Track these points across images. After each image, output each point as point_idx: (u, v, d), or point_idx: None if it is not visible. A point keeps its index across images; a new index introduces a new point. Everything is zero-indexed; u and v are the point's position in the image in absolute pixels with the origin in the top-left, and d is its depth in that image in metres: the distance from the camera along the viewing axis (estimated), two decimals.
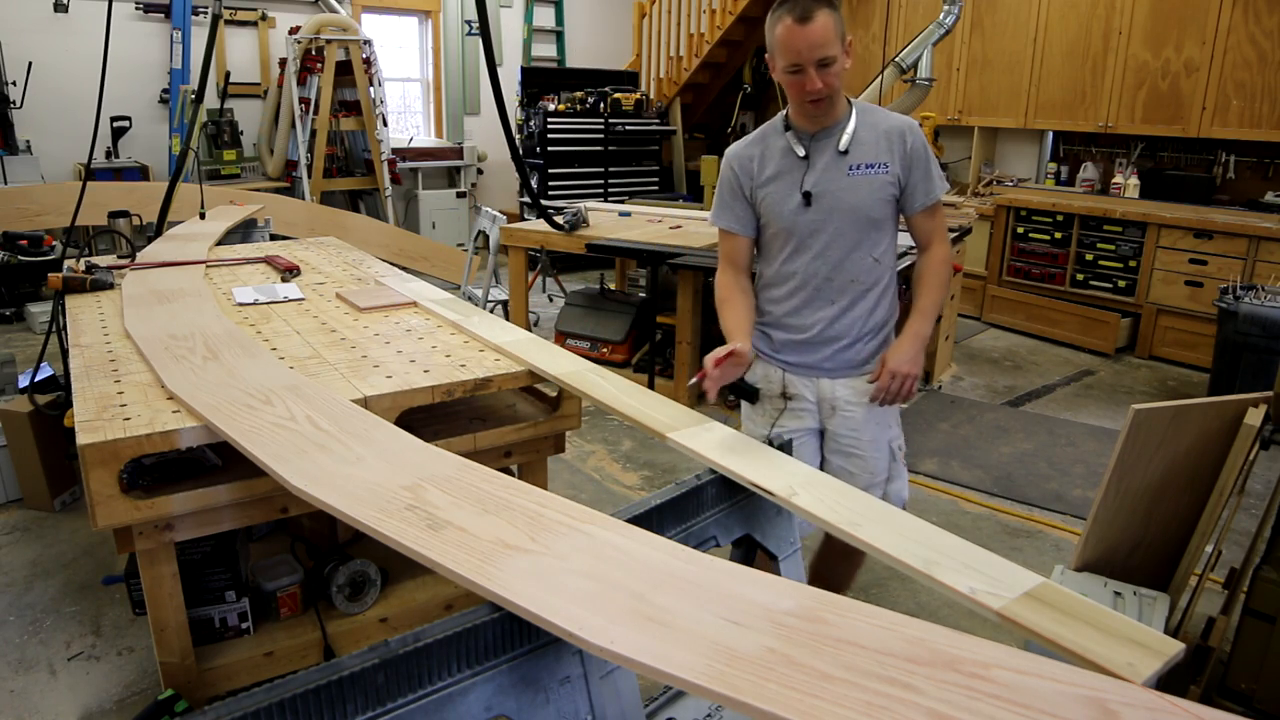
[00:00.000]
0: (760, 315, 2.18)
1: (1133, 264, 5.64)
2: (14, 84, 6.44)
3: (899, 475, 2.21)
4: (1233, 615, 2.32)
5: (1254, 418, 2.08)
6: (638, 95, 8.13)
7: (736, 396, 2.14)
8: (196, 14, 7.15)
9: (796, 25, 1.85)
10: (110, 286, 2.92)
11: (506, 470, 2.16)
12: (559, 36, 9.51)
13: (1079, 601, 1.12)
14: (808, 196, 2.03)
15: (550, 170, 7.79)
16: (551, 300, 6.81)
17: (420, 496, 1.39)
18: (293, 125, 7.28)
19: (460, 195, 8.54)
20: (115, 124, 6.80)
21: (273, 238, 4.55)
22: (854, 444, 2.14)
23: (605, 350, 5.06)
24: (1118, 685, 0.92)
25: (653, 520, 1.47)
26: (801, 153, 2.03)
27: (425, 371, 2.14)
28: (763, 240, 2.16)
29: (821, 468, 2.19)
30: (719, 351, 1.85)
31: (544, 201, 6.11)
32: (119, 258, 3.27)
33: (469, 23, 8.73)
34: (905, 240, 4.85)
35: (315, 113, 7.28)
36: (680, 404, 1.88)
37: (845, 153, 2.00)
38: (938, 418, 4.56)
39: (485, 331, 2.45)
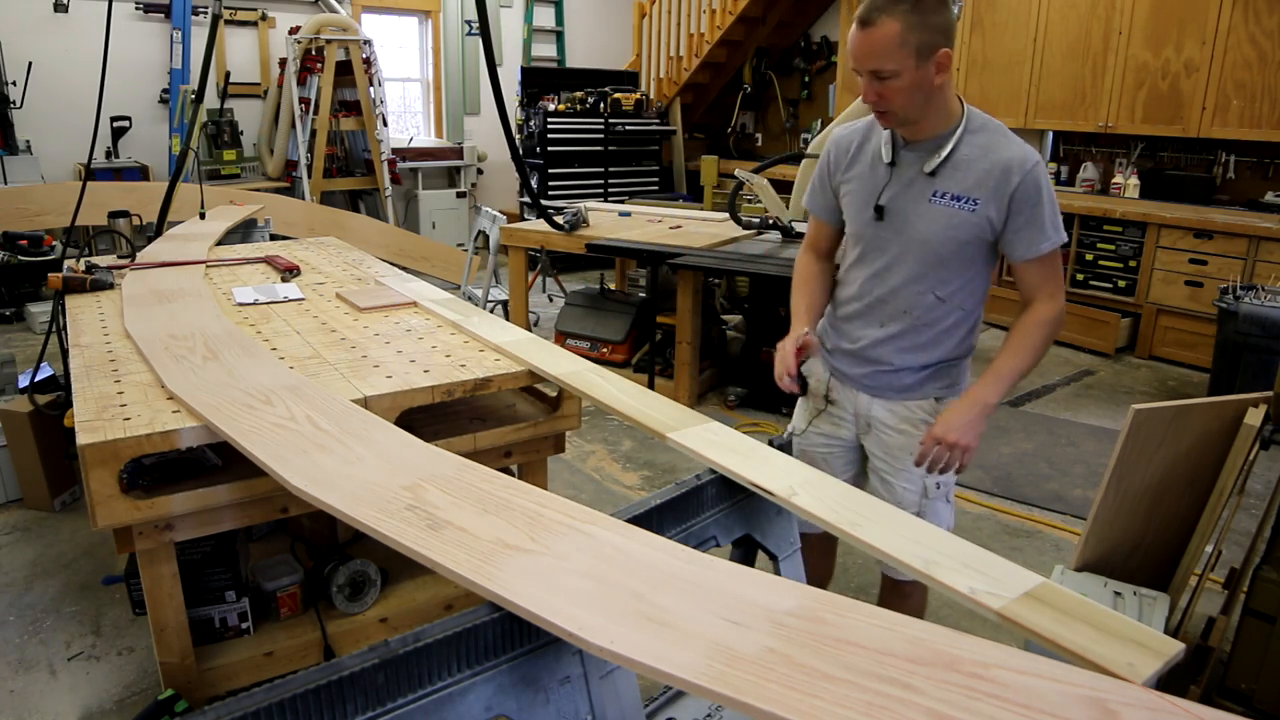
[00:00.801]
0: (831, 309, 2.06)
1: (1133, 264, 5.64)
2: (14, 84, 6.44)
3: (932, 513, 1.97)
4: (1233, 615, 2.32)
5: (1254, 418, 2.08)
6: (638, 95, 8.13)
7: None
8: (196, 14, 7.15)
9: (857, 28, 1.67)
10: (110, 286, 2.92)
11: (506, 470, 2.16)
12: (559, 36, 9.51)
13: (1079, 601, 1.12)
14: (880, 210, 1.85)
15: (550, 170, 7.79)
16: (551, 300, 6.81)
17: (420, 496, 1.39)
18: (293, 125, 7.28)
19: (460, 195, 8.54)
20: (115, 124, 6.80)
21: (273, 238, 4.55)
22: (886, 469, 1.98)
23: (605, 350, 5.06)
24: (1118, 685, 0.92)
25: (653, 520, 1.47)
26: (888, 159, 1.83)
27: (425, 371, 2.14)
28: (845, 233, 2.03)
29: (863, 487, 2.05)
30: (790, 345, 1.86)
31: (544, 201, 6.11)
32: (119, 258, 3.27)
33: (469, 23, 8.74)
34: None
35: (315, 113, 7.28)
36: (680, 404, 1.88)
37: (933, 175, 1.78)
38: None
39: (485, 331, 2.45)
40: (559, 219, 4.92)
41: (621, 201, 7.07)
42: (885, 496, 1.98)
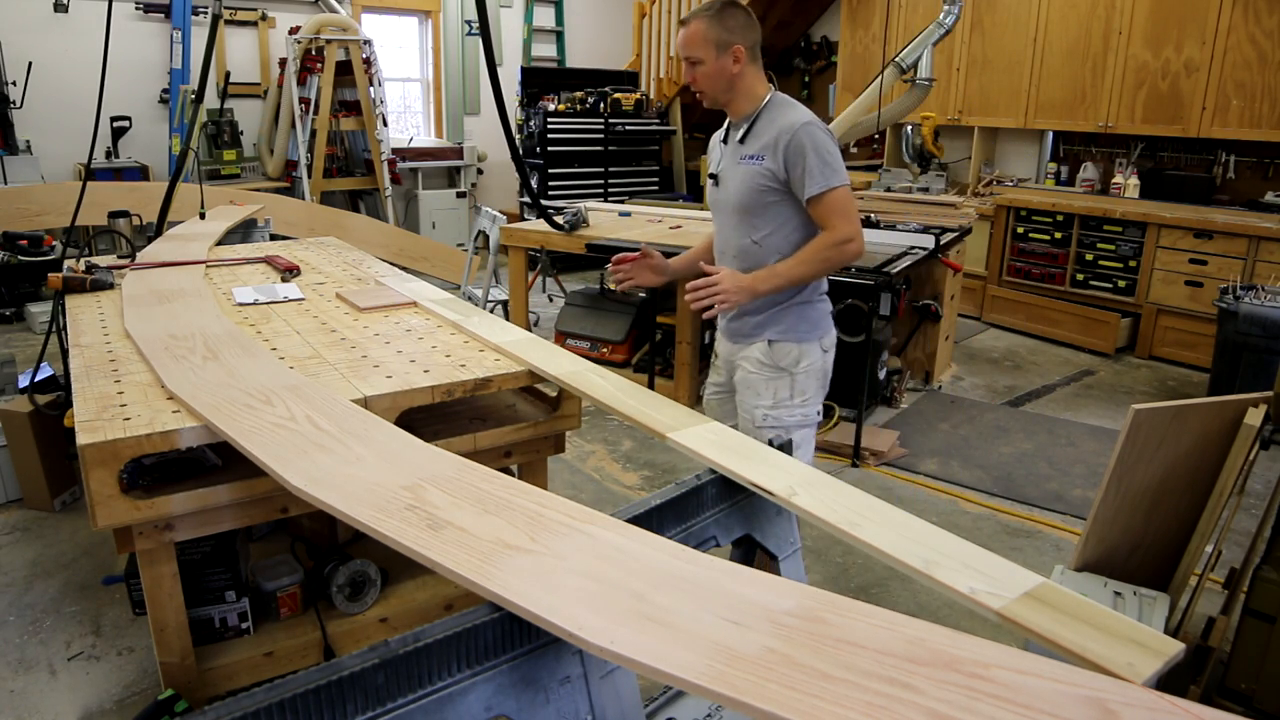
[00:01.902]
0: None
1: (1133, 264, 5.64)
2: (14, 84, 6.44)
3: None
4: (1233, 615, 2.32)
5: (1254, 418, 2.08)
6: (638, 95, 8.13)
7: None
8: (196, 14, 7.15)
9: (680, 27, 2.24)
10: (110, 286, 2.92)
11: (506, 470, 2.16)
12: (559, 36, 9.51)
13: (1079, 601, 1.12)
14: (715, 178, 2.39)
15: (550, 170, 7.79)
16: (551, 300, 6.81)
17: (420, 496, 1.39)
18: (293, 125, 7.28)
19: (460, 195, 8.54)
20: (115, 124, 6.80)
21: (273, 238, 4.55)
22: (741, 399, 2.43)
23: (605, 350, 5.06)
24: (1118, 685, 0.92)
25: (653, 520, 1.47)
26: (722, 137, 2.38)
27: (425, 371, 2.14)
28: None
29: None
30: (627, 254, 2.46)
31: (544, 201, 6.12)
32: (119, 258, 3.27)
33: (469, 23, 8.74)
34: (897, 240, 4.80)
35: (315, 113, 7.28)
36: (680, 404, 1.88)
37: (742, 142, 2.28)
38: (938, 418, 4.56)
39: (485, 331, 2.45)
40: (559, 219, 4.92)
41: (621, 201, 7.07)
42: (737, 421, 2.44)
